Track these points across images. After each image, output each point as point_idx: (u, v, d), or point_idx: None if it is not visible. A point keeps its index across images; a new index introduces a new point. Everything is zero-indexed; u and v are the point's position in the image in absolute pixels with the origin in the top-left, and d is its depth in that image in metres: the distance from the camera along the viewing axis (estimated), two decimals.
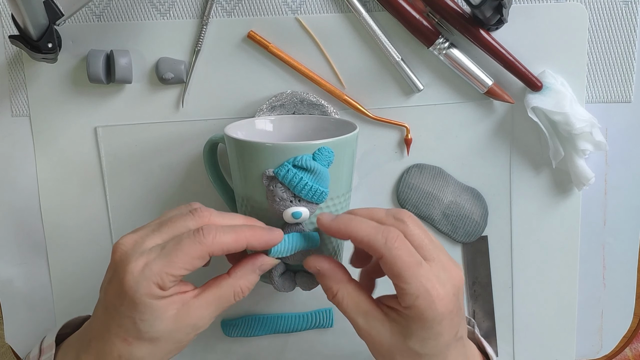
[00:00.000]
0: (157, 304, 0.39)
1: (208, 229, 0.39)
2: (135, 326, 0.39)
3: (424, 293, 0.39)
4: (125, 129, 0.55)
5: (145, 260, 0.38)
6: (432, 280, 0.40)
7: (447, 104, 0.56)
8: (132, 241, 0.40)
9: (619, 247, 0.60)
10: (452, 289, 0.41)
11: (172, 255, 0.38)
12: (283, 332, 0.59)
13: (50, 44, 0.47)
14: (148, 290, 0.38)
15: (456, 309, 0.41)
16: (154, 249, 0.39)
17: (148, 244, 0.39)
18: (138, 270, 0.38)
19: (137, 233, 0.41)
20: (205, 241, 0.39)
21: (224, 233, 0.40)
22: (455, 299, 0.41)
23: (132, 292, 0.38)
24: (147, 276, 0.38)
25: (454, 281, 0.41)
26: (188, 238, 0.39)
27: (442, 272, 0.41)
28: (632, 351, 0.95)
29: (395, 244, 0.40)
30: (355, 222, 0.42)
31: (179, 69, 0.53)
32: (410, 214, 0.43)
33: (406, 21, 0.53)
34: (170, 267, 0.38)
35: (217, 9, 0.53)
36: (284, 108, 0.54)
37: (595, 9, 0.54)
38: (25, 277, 0.56)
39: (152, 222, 0.43)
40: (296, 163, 0.44)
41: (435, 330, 0.40)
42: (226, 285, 0.42)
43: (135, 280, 0.38)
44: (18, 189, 0.55)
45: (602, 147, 0.53)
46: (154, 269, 0.38)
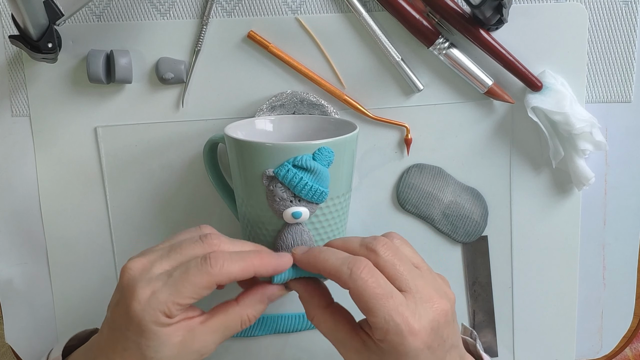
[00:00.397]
0: (163, 331, 0.39)
1: (215, 258, 0.38)
2: (140, 351, 0.39)
3: (394, 327, 0.38)
4: (125, 129, 0.55)
5: (152, 289, 0.38)
6: (404, 313, 0.38)
7: (447, 104, 0.56)
8: (140, 266, 0.39)
9: (619, 247, 0.60)
10: (429, 324, 0.38)
11: (179, 285, 0.38)
12: (283, 332, 0.59)
13: (50, 44, 0.47)
14: (155, 319, 0.38)
15: (437, 342, 0.39)
16: (161, 276, 0.39)
17: (155, 271, 0.39)
18: (145, 298, 0.38)
19: (146, 257, 0.40)
20: (212, 271, 0.38)
21: (232, 262, 0.39)
22: (434, 333, 0.39)
23: (139, 319, 0.38)
24: (154, 305, 0.38)
25: (434, 314, 0.39)
26: (195, 267, 0.38)
27: (420, 305, 0.39)
28: (632, 351, 0.96)
29: (361, 274, 0.38)
30: (324, 255, 0.41)
31: (179, 69, 0.53)
32: (387, 241, 0.41)
33: (406, 21, 0.53)
34: (176, 296, 0.38)
35: (217, 9, 0.53)
36: (284, 108, 0.54)
37: (595, 9, 0.54)
38: (25, 277, 0.56)
39: (163, 244, 0.42)
40: (296, 163, 0.44)
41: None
42: (233, 313, 0.42)
43: (141, 308, 0.38)
44: (18, 189, 0.55)
45: (602, 147, 0.53)
46: (160, 298, 0.38)
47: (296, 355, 0.60)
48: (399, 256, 0.41)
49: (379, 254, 0.40)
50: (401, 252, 0.41)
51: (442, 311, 0.39)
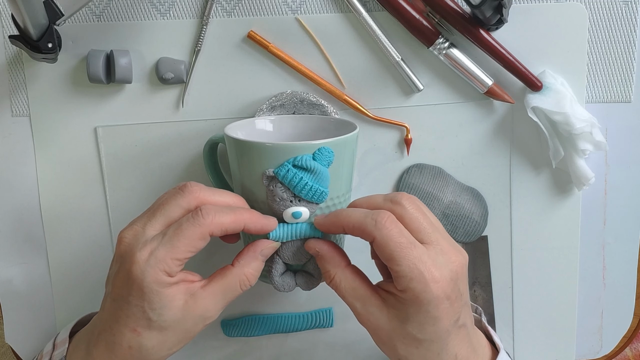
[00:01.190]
0: (165, 292, 0.40)
1: (206, 209, 0.40)
2: (144, 315, 0.40)
3: (417, 275, 0.39)
4: (125, 129, 0.55)
5: (149, 249, 0.39)
6: (427, 262, 0.39)
7: (447, 104, 0.56)
8: (133, 232, 0.41)
9: (619, 247, 0.60)
10: (449, 274, 0.40)
11: (175, 240, 0.39)
12: (283, 332, 0.59)
13: (50, 44, 0.47)
14: (155, 278, 0.39)
15: (455, 294, 0.40)
16: (156, 237, 0.40)
17: (149, 233, 0.40)
18: (144, 259, 0.39)
19: (136, 224, 0.41)
20: (205, 222, 0.39)
21: (223, 214, 0.40)
22: (453, 284, 0.40)
23: (140, 280, 0.39)
24: (153, 264, 0.39)
25: (452, 265, 0.41)
26: (187, 221, 0.39)
27: (440, 256, 0.40)
28: (632, 351, 0.96)
29: (385, 224, 0.40)
30: (347, 212, 0.42)
31: (179, 69, 0.53)
32: (411, 196, 0.43)
33: (406, 21, 0.53)
34: (174, 252, 0.39)
35: (217, 9, 0.53)
36: (284, 108, 0.54)
37: (595, 9, 0.54)
38: (25, 277, 0.56)
39: (147, 210, 0.43)
40: (296, 163, 0.44)
41: (432, 314, 0.40)
42: (231, 275, 0.43)
43: (141, 269, 0.39)
44: (18, 189, 0.55)
45: (602, 147, 0.53)
46: (159, 255, 0.39)
47: (296, 355, 0.60)
48: (422, 211, 0.42)
49: (404, 206, 0.41)
50: (423, 207, 0.43)
51: (460, 264, 0.41)
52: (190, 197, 0.41)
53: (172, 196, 0.41)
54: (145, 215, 0.42)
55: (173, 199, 0.41)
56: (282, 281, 0.48)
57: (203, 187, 0.42)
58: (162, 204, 0.41)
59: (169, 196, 0.42)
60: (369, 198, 0.44)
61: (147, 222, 0.41)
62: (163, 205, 0.41)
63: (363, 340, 0.60)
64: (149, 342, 0.41)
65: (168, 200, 0.41)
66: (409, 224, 0.41)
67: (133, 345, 0.41)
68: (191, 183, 0.42)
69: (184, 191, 0.41)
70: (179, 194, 0.41)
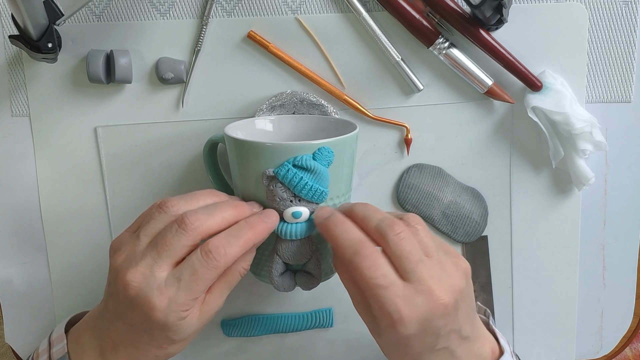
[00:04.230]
0: (186, 320, 0.41)
1: (216, 249, 0.40)
2: (168, 339, 0.42)
3: (386, 315, 0.39)
4: (125, 129, 0.55)
5: (167, 297, 0.40)
6: (398, 303, 0.39)
7: (447, 104, 0.56)
8: (142, 275, 0.40)
9: (619, 247, 0.60)
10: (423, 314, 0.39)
11: (192, 285, 0.40)
12: (283, 332, 0.59)
13: (50, 44, 0.47)
14: (178, 317, 0.41)
15: (429, 331, 0.40)
16: (170, 282, 0.40)
17: (159, 275, 0.40)
18: (164, 306, 0.40)
19: (140, 265, 0.40)
20: (219, 263, 0.40)
21: (232, 246, 0.41)
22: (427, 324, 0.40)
23: (163, 322, 0.40)
24: (174, 309, 0.40)
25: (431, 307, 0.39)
26: (202, 266, 0.40)
27: (418, 296, 0.39)
28: (632, 351, 0.96)
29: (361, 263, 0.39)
30: (338, 230, 0.42)
31: (179, 69, 0.53)
32: (404, 228, 0.41)
33: (406, 21, 0.53)
34: (192, 295, 0.40)
35: (217, 9, 0.53)
36: (284, 108, 0.54)
37: (595, 9, 0.54)
38: (25, 277, 0.56)
39: (139, 241, 0.42)
40: (296, 163, 0.44)
41: (401, 342, 0.40)
42: (230, 273, 0.44)
43: (164, 315, 0.40)
44: (18, 189, 0.55)
45: (602, 147, 0.53)
46: (179, 301, 0.40)
47: (296, 355, 0.60)
48: (410, 247, 0.41)
49: (389, 243, 0.41)
50: (413, 241, 0.41)
51: (440, 304, 0.40)
52: (194, 234, 0.41)
53: (174, 235, 0.40)
54: (145, 254, 0.41)
55: (177, 238, 0.40)
56: (282, 281, 0.48)
57: (200, 215, 0.41)
58: (164, 244, 0.41)
59: (169, 232, 0.41)
60: (366, 216, 0.43)
61: (154, 263, 0.40)
62: (165, 244, 0.40)
63: (363, 340, 0.60)
64: (174, 350, 0.44)
65: (170, 238, 0.41)
66: (393, 260, 0.40)
67: (159, 355, 0.44)
68: (187, 216, 0.41)
69: (185, 230, 0.40)
70: (181, 234, 0.40)
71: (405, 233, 0.41)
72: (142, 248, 0.41)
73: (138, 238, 0.42)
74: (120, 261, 0.42)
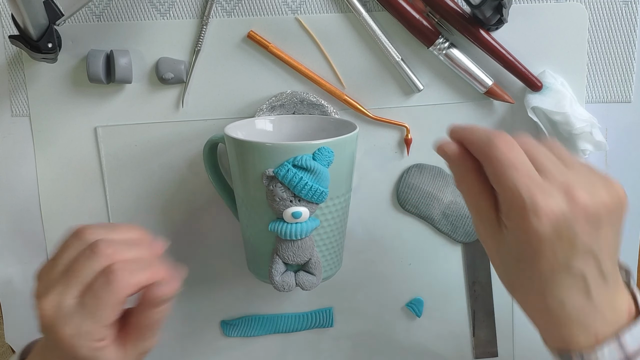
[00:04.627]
0: (102, 353, 0.39)
1: (114, 274, 0.38)
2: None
3: (518, 201, 0.35)
4: (125, 129, 0.55)
5: (74, 325, 0.38)
6: (533, 190, 0.35)
7: (447, 104, 0.56)
8: (52, 304, 0.39)
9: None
10: (560, 211, 0.35)
11: (95, 311, 0.38)
12: (283, 332, 0.59)
13: (50, 44, 0.47)
14: (90, 348, 0.38)
15: (565, 235, 0.35)
16: (75, 309, 0.38)
17: (67, 302, 0.39)
18: (73, 335, 0.38)
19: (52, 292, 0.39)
20: (119, 288, 0.38)
21: (136, 273, 0.39)
22: (564, 225, 0.35)
23: (76, 353, 0.38)
24: (85, 339, 0.38)
25: (571, 206, 0.35)
26: (102, 290, 0.38)
27: (557, 193, 0.35)
28: None
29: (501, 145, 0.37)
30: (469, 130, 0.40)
31: (179, 69, 0.53)
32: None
33: (406, 21, 0.53)
34: (98, 321, 0.38)
35: (217, 9, 0.53)
36: (284, 108, 0.54)
37: (595, 9, 0.54)
38: (25, 277, 0.56)
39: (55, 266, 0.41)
40: (296, 163, 0.44)
41: (531, 248, 0.36)
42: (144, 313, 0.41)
43: (75, 346, 0.38)
44: (18, 189, 0.55)
45: (602, 147, 0.53)
46: (85, 329, 0.38)
47: (296, 355, 0.60)
48: (551, 154, 0.38)
49: (529, 146, 0.38)
50: (558, 150, 0.39)
51: (582, 207, 0.35)
52: (102, 259, 0.39)
53: (85, 259, 0.39)
54: (60, 283, 0.39)
55: (87, 263, 0.39)
56: (282, 281, 0.48)
57: (116, 245, 0.39)
58: (74, 269, 0.39)
59: (81, 258, 0.39)
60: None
61: (64, 291, 0.39)
62: (76, 270, 0.39)
63: (363, 340, 0.60)
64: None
65: (81, 264, 0.39)
66: (533, 160, 0.37)
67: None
68: (101, 242, 0.39)
69: (97, 255, 0.39)
70: (92, 259, 0.39)
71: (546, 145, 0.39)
72: (55, 276, 0.40)
73: (54, 266, 0.40)
74: (36, 290, 0.40)
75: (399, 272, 0.59)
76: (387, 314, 0.60)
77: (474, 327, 0.60)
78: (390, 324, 0.60)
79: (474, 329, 0.60)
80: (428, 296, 0.59)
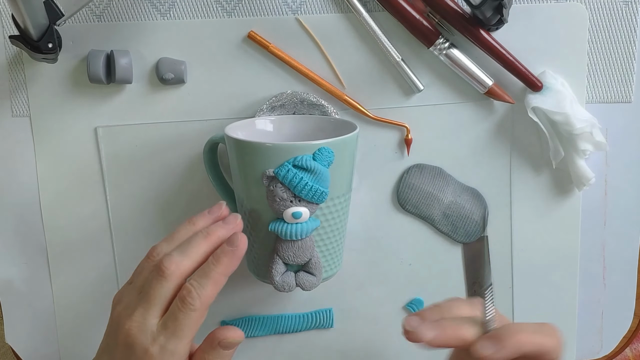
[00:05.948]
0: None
1: (189, 293, 0.41)
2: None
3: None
4: (125, 129, 0.55)
5: (159, 344, 0.41)
6: None
7: (447, 104, 0.56)
8: (136, 324, 0.41)
9: (619, 247, 0.60)
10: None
11: (178, 332, 0.41)
12: (283, 332, 0.59)
13: (50, 44, 0.47)
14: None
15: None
16: (159, 329, 0.41)
17: (151, 322, 0.41)
18: (157, 353, 0.41)
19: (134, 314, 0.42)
20: (196, 307, 0.41)
21: (204, 288, 0.42)
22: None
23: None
24: (169, 356, 0.41)
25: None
26: (180, 312, 0.41)
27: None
28: (632, 351, 0.95)
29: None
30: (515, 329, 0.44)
31: (179, 69, 0.53)
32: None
33: (406, 21, 0.53)
34: (181, 341, 0.41)
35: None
36: (284, 108, 0.54)
37: (595, 9, 0.54)
38: (25, 277, 0.56)
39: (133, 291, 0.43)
40: (296, 163, 0.44)
41: None
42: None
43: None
44: (18, 189, 0.55)
45: (603, 147, 0.53)
46: (170, 348, 0.41)
47: (296, 355, 0.60)
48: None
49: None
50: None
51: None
52: (172, 278, 0.42)
53: (156, 283, 0.42)
54: (141, 304, 0.42)
55: (159, 286, 0.42)
56: (282, 281, 0.48)
57: (175, 258, 0.42)
58: (148, 290, 0.42)
59: (154, 281, 0.42)
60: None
61: (145, 312, 0.42)
62: (152, 292, 0.42)
63: (363, 340, 0.60)
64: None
65: (154, 287, 0.42)
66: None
67: None
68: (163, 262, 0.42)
69: (163, 276, 0.42)
70: (162, 281, 0.42)
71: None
72: (135, 298, 0.43)
73: (133, 288, 0.44)
74: (118, 311, 0.43)
75: (399, 272, 0.59)
76: (387, 314, 0.60)
77: None
78: (390, 324, 0.60)
79: None
80: (428, 296, 0.59)
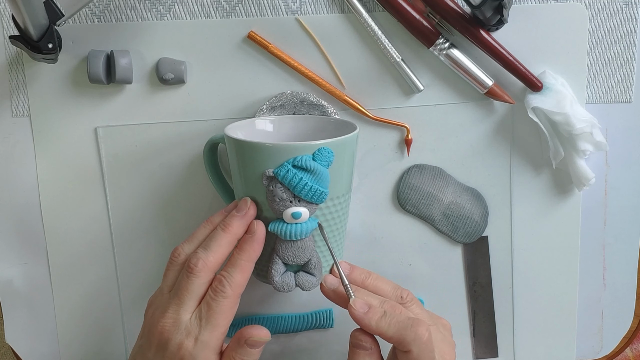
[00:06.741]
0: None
1: (221, 282, 0.44)
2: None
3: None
4: (125, 130, 0.55)
5: (194, 336, 0.43)
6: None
7: (447, 105, 0.56)
8: (171, 321, 0.44)
9: (619, 247, 0.60)
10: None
11: (212, 320, 0.43)
12: (283, 332, 0.59)
13: (50, 44, 0.47)
14: (209, 357, 0.43)
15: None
16: (193, 321, 0.43)
17: (184, 318, 0.43)
18: (191, 346, 0.43)
19: (168, 311, 0.44)
20: (227, 293, 0.43)
21: (233, 276, 0.44)
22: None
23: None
24: (202, 348, 0.43)
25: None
26: (213, 301, 0.43)
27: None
28: (632, 351, 0.95)
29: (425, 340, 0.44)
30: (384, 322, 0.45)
31: (179, 69, 0.53)
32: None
33: (406, 21, 0.53)
34: (215, 329, 0.43)
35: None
36: (284, 108, 0.54)
37: (595, 9, 0.54)
38: (25, 277, 0.56)
39: (164, 293, 0.46)
40: (296, 163, 0.44)
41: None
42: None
43: (193, 356, 0.43)
44: (18, 189, 0.55)
45: (603, 147, 0.53)
46: (204, 339, 0.43)
47: (296, 355, 0.60)
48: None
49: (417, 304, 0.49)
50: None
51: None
52: (202, 274, 0.44)
53: (187, 280, 0.44)
54: (173, 302, 0.44)
55: (190, 282, 0.44)
56: (282, 281, 0.48)
57: (200, 255, 0.44)
58: (182, 288, 0.44)
59: (184, 280, 0.44)
60: (378, 286, 0.49)
61: (179, 308, 0.44)
62: (185, 289, 0.44)
63: None
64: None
65: (186, 284, 0.44)
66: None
67: None
68: (190, 260, 0.44)
69: (193, 273, 0.44)
70: (193, 278, 0.44)
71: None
72: (167, 298, 0.45)
73: (162, 291, 0.46)
74: (151, 313, 0.45)
75: (399, 272, 0.59)
76: None
77: (474, 327, 0.60)
78: None
79: (474, 329, 0.60)
80: (428, 296, 0.59)
